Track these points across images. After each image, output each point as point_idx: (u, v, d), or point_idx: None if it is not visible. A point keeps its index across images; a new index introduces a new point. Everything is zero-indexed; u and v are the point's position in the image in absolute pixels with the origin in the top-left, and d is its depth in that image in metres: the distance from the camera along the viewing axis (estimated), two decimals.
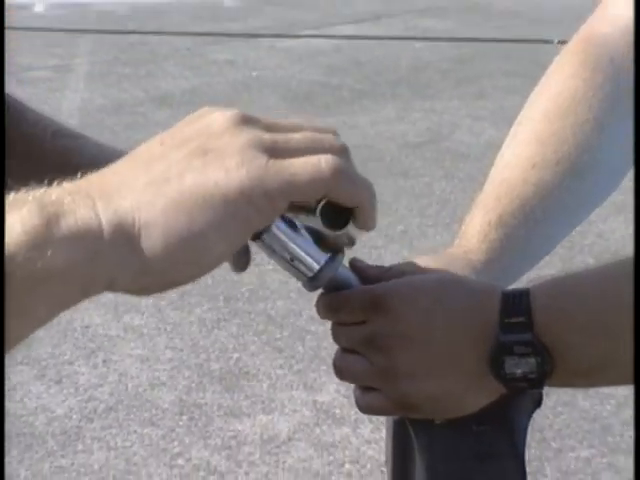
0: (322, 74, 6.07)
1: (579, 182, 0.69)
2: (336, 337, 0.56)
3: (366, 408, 0.56)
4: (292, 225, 0.51)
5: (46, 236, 0.37)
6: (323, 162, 0.41)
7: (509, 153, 0.71)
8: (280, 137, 0.42)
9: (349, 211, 0.45)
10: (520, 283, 0.58)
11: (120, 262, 0.38)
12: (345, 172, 0.42)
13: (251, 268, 0.56)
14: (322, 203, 0.44)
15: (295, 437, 2.18)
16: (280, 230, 0.49)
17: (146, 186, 0.39)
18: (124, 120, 5.09)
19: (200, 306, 2.72)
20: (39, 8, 8.70)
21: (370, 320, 0.53)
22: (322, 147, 0.43)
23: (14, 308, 0.38)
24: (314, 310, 0.56)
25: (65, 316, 1.98)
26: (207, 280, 2.49)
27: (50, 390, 2.26)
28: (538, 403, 0.56)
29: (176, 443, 2.15)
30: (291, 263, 0.51)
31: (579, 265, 2.83)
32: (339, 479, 2.02)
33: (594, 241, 3.13)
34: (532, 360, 0.50)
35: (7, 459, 1.89)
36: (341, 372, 0.55)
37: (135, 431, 2.14)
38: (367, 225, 0.45)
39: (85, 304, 0.46)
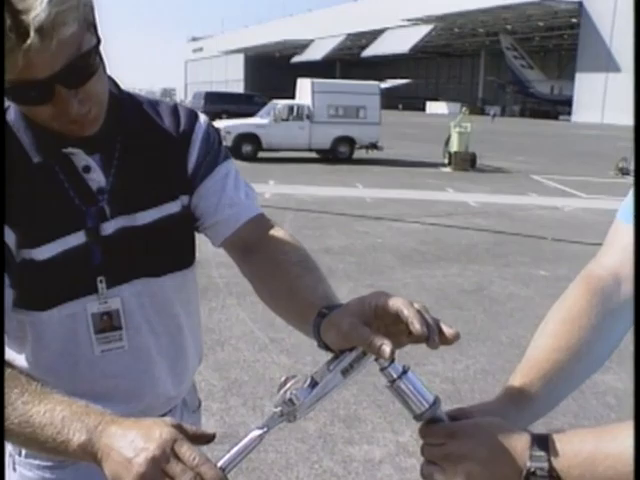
0: (417, 244, 7.30)
1: (578, 362, 0.81)
2: (423, 451, 0.67)
3: None
4: (407, 371, 0.60)
5: (76, 445, 0.65)
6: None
7: (539, 341, 0.83)
8: (172, 455, 0.61)
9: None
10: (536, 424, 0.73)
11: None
12: None
13: None
14: None
15: None
16: (408, 379, 0.62)
17: (116, 453, 0.64)
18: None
19: None
20: (267, 195, 10.34)
21: (447, 443, 0.65)
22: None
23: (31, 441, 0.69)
24: None
25: None
26: None
27: None
28: None
29: None
30: (406, 403, 0.63)
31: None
32: None
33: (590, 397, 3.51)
34: None
35: None
36: (425, 476, 0.66)
37: None
38: None
39: None
